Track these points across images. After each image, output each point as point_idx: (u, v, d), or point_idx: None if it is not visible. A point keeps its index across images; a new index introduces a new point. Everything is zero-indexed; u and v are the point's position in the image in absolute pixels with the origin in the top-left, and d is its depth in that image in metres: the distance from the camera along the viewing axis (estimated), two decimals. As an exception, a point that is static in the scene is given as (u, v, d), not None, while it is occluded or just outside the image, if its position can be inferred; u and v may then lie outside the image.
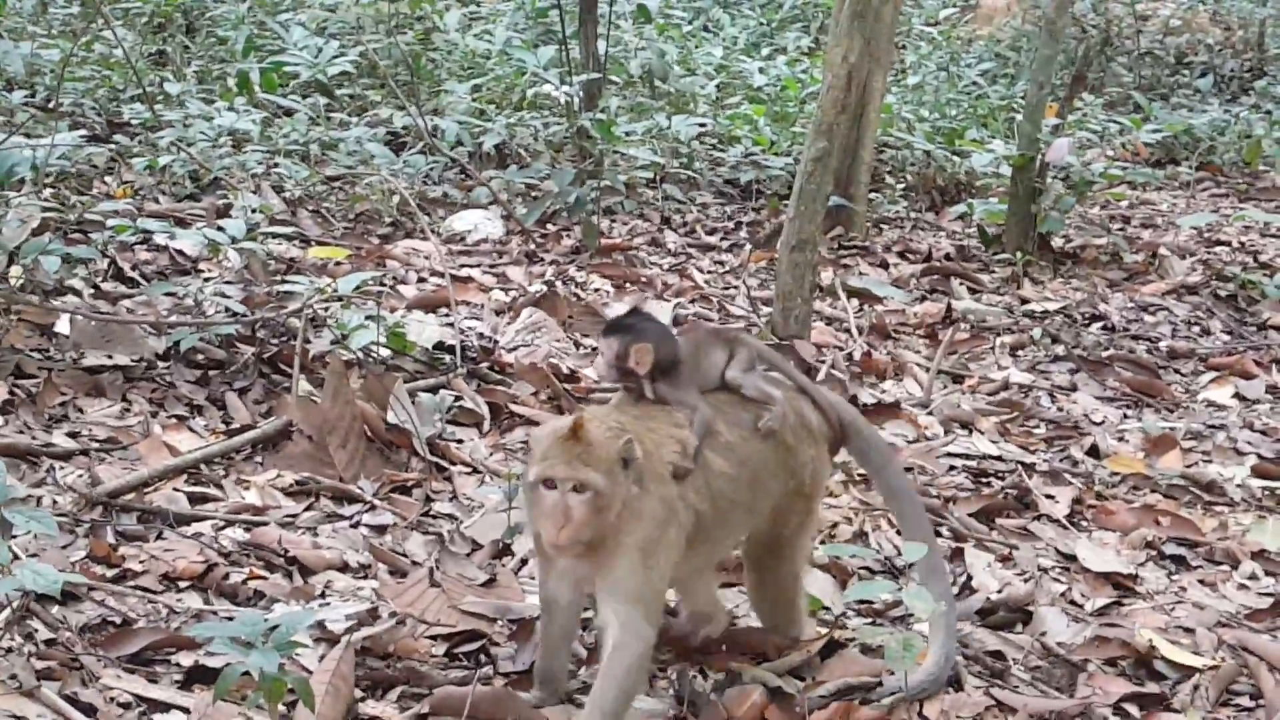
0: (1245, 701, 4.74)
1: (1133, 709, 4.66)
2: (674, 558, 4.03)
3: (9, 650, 4.20)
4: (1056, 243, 11.79)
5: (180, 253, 8.57)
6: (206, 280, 7.80)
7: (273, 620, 3.84)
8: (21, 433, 5.79)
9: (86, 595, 4.66)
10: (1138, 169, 13.01)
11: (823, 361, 8.10)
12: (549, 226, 11.14)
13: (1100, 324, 9.88)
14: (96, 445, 5.83)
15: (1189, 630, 5.20)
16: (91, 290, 7.49)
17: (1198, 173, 14.97)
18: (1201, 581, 5.70)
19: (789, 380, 4.54)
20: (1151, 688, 4.79)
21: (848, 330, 9.10)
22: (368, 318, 6.89)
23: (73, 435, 5.89)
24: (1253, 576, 5.71)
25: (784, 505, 4.42)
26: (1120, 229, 12.76)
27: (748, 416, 4.31)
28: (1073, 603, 5.42)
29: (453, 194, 11.76)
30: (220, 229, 7.29)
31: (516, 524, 5.42)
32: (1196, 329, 10.01)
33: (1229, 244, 12.49)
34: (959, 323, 9.47)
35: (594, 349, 4.36)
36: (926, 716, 4.45)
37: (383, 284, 8.08)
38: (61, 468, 5.53)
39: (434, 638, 4.70)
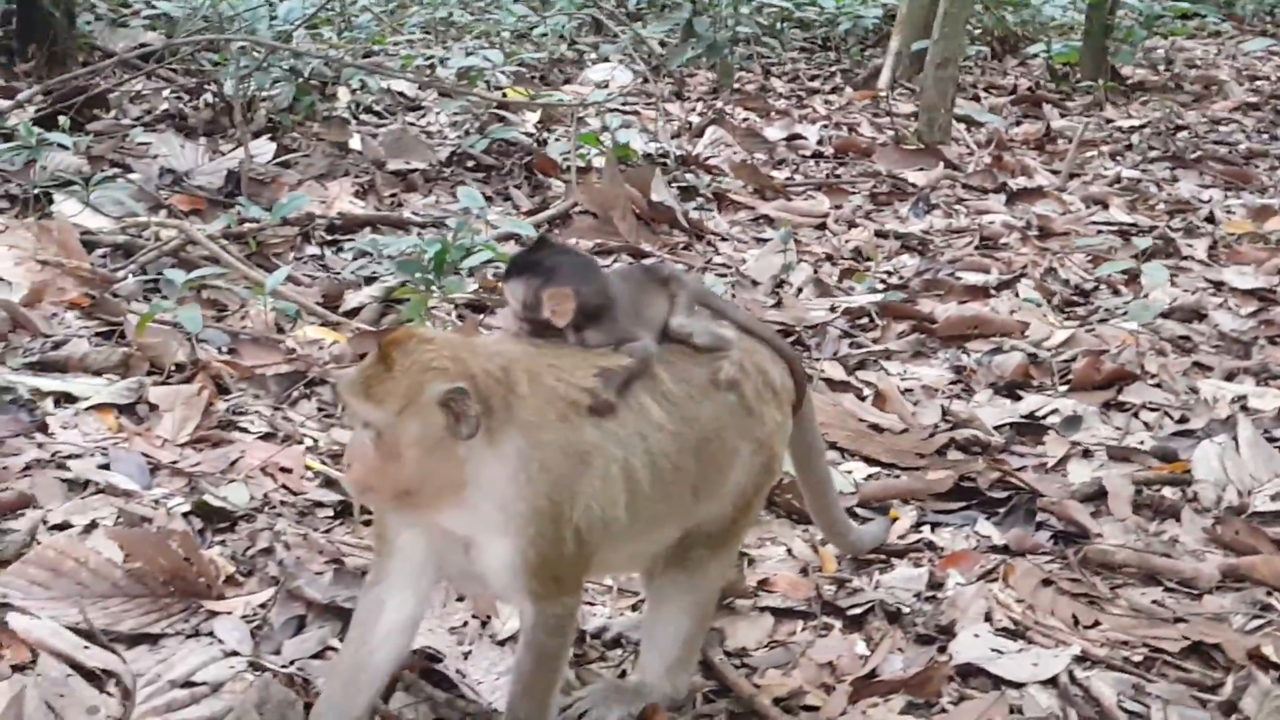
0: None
1: (1296, 364, 6.20)
2: (611, 511, 3.12)
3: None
4: (1126, 72, 13.18)
5: (402, 94, 9.94)
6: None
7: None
8: (378, 210, 7.21)
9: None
10: (1202, 4, 14.33)
11: (968, 161, 9.54)
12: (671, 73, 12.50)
13: (1183, 134, 11.30)
14: (433, 219, 7.24)
15: (1327, 323, 6.72)
16: (355, 120, 8.84)
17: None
18: (1326, 294, 7.22)
19: (739, 325, 3.52)
20: (1310, 352, 6.31)
21: (966, 145, 10.49)
22: (613, 128, 8.31)
23: (416, 213, 7.30)
24: (1368, 287, 7.26)
25: (748, 487, 3.44)
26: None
27: (700, 371, 3.33)
28: (1230, 309, 6.91)
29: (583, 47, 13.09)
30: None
31: (789, 263, 6.91)
32: (1265, 135, 11.44)
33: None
34: (1058, 137, 10.87)
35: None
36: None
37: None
38: (422, 233, 6.94)
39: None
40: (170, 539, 3.73)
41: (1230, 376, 6.02)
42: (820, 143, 10.27)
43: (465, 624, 3.76)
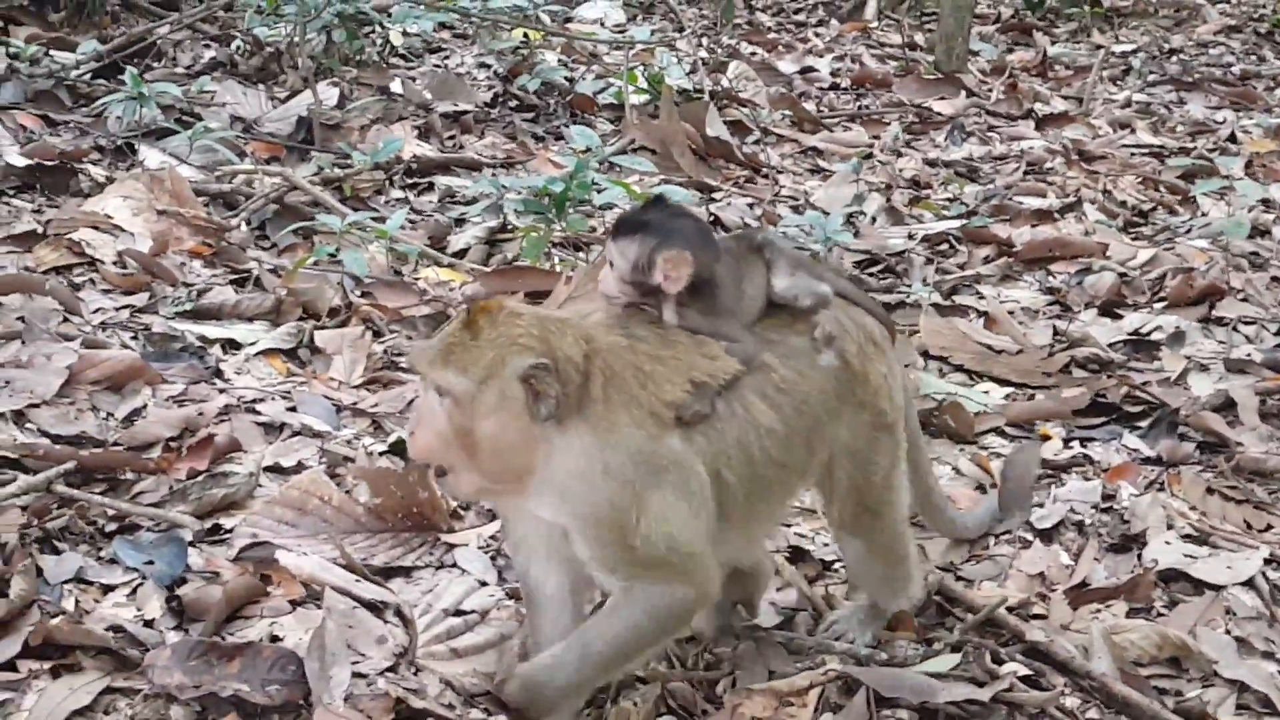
0: None
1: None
2: (684, 518, 2.95)
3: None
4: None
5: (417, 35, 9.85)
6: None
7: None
8: (444, 151, 7.21)
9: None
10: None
11: (985, 89, 9.69)
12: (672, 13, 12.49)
13: (1174, 57, 11.54)
14: (501, 160, 7.24)
15: (1378, 231, 6.98)
16: (382, 62, 8.77)
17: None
18: (1367, 203, 7.50)
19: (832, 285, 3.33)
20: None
21: (972, 74, 10.63)
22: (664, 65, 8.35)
23: (478, 154, 7.30)
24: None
25: (863, 448, 3.33)
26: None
27: (801, 341, 3.21)
28: (1287, 221, 7.17)
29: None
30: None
31: (860, 194, 7.02)
32: (1253, 57, 11.72)
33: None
34: (1055, 63, 11.06)
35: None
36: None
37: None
38: (494, 174, 6.95)
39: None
40: (410, 476, 3.78)
41: (1309, 290, 6.25)
42: (834, 74, 10.36)
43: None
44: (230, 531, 3.61)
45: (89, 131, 6.46)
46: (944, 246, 6.69)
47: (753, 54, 11.05)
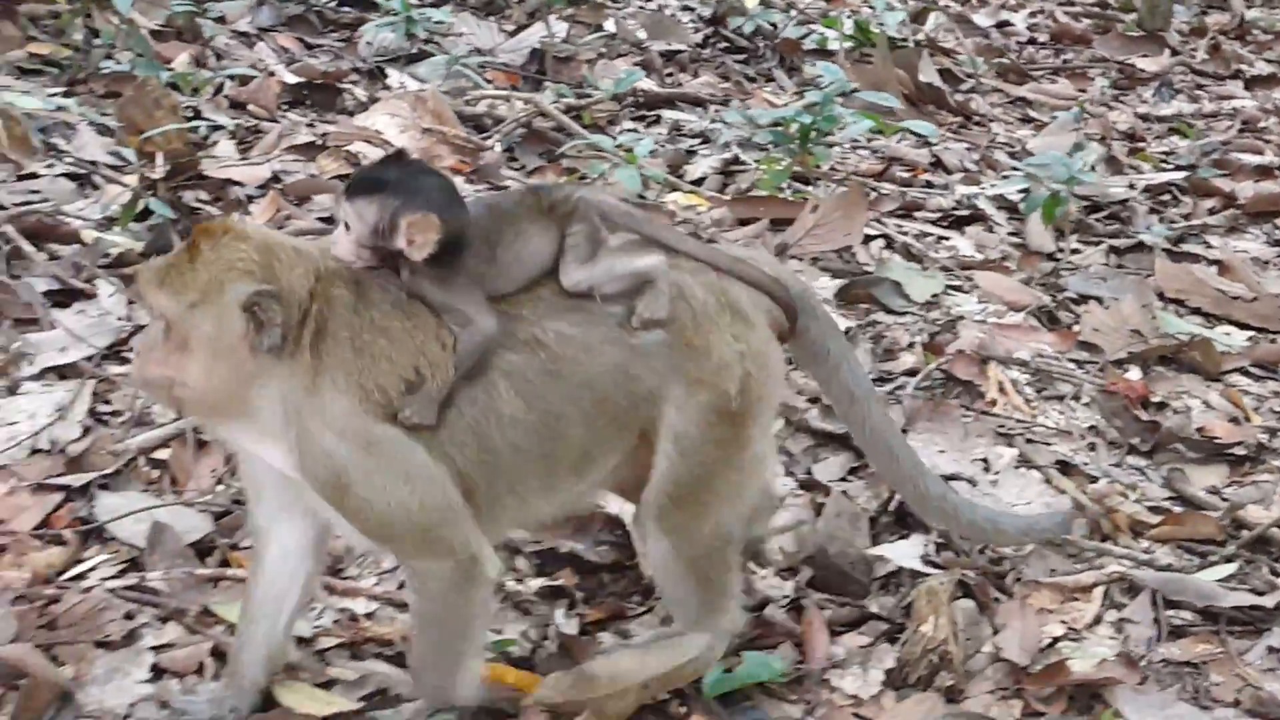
0: None
1: None
2: (403, 495, 2.73)
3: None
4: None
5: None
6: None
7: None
8: (665, 87, 7.41)
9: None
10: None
11: (1194, 51, 9.66)
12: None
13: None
14: (720, 98, 7.42)
15: None
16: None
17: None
18: None
19: (673, 248, 2.99)
20: None
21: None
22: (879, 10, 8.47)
23: (697, 91, 7.49)
24: None
25: (693, 433, 2.93)
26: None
27: (607, 312, 2.89)
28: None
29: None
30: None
31: (1079, 142, 7.08)
32: None
33: None
34: (1252, 27, 10.93)
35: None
36: None
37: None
38: (717, 110, 7.11)
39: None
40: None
41: None
42: (1031, 29, 10.36)
43: (985, 458, 4.03)
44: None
45: (341, 55, 6.78)
46: (1165, 197, 6.73)
47: (946, 6, 11.06)
